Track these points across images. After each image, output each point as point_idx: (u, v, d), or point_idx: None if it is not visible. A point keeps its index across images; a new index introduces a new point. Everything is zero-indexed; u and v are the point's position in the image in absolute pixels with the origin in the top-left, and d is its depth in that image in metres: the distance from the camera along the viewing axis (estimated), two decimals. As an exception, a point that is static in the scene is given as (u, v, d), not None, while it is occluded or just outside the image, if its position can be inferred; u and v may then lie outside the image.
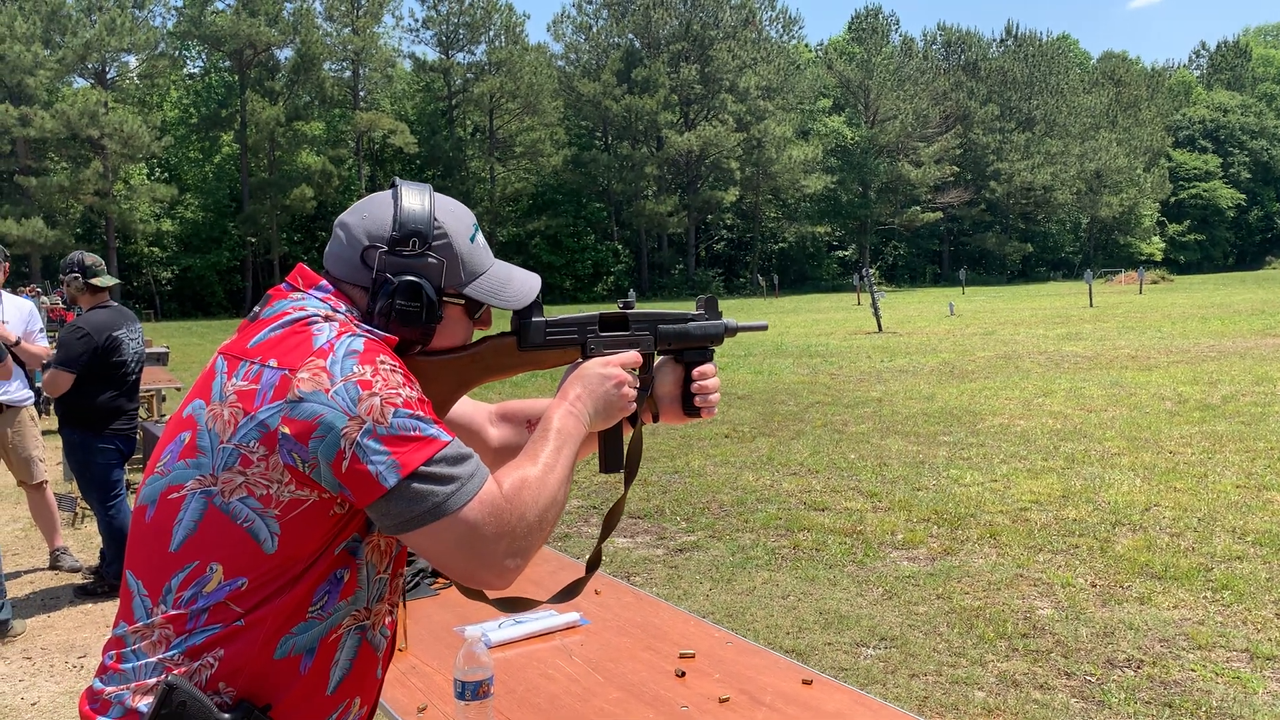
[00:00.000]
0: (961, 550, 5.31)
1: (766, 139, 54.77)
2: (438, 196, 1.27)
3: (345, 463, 1.08)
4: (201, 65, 51.34)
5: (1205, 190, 71.17)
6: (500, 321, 1.39)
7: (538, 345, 1.36)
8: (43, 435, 5.52)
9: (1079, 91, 69.10)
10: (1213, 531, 5.47)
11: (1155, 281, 46.39)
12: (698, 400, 1.47)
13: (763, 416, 10.00)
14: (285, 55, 48.75)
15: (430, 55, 54.67)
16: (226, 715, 1.11)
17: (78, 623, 4.72)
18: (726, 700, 1.80)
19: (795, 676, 1.89)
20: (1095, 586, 4.67)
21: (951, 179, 61.60)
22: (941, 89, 63.97)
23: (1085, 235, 68.98)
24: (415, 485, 1.09)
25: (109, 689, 1.14)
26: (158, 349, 10.75)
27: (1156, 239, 70.13)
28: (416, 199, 1.23)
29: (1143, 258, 64.82)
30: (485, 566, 1.13)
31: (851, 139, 61.09)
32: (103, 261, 5.14)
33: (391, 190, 1.25)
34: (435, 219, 1.24)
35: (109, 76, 44.93)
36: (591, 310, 1.43)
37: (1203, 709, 3.40)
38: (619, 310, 1.42)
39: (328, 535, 1.14)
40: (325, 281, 1.24)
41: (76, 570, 5.43)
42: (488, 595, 1.35)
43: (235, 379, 1.13)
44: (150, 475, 1.18)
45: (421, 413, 1.12)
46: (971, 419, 9.44)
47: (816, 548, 5.46)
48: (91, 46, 41.93)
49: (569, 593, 1.42)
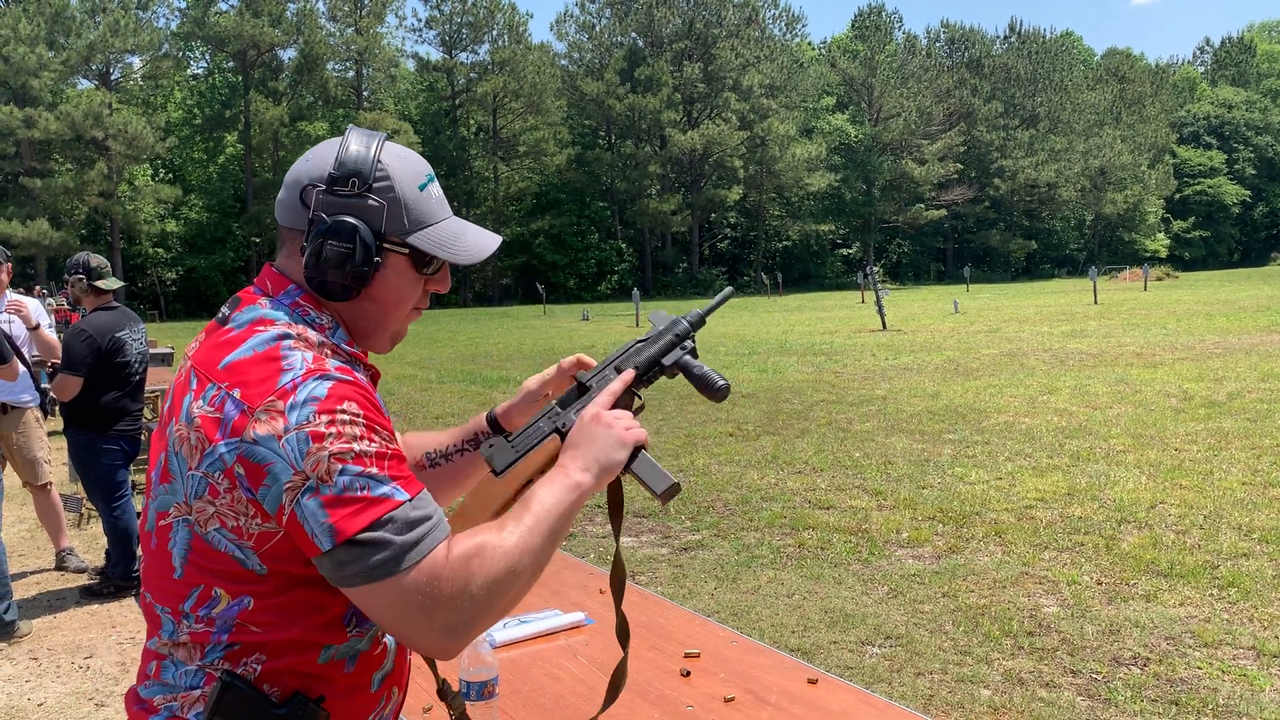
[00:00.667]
0: (967, 548, 5.31)
1: (770, 137, 54.77)
2: (391, 144, 1.21)
3: (285, 517, 1.05)
4: (205, 66, 51.53)
5: (1210, 186, 71.00)
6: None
7: (511, 462, 1.32)
8: (48, 436, 5.54)
9: (1083, 88, 68.96)
10: (1218, 529, 5.46)
11: (1160, 278, 46.31)
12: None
13: (767, 415, 9.99)
14: (289, 56, 48.92)
15: (433, 55, 55.00)
16: (283, 709, 1.11)
17: (84, 623, 4.73)
18: (732, 700, 1.79)
19: (800, 675, 1.89)
20: (1101, 584, 4.66)
21: (955, 176, 61.55)
22: (945, 86, 63.88)
23: (1090, 232, 68.87)
24: (351, 549, 1.04)
25: (157, 699, 1.15)
26: (162, 350, 10.75)
27: (1161, 236, 69.99)
28: (361, 143, 1.18)
29: (1147, 254, 64.74)
30: (419, 635, 1.08)
31: (855, 137, 61.05)
32: (108, 263, 5.15)
33: (342, 136, 1.21)
34: (379, 161, 1.18)
35: (113, 78, 45.05)
36: (545, 404, 1.42)
37: (1209, 707, 3.39)
38: (574, 385, 1.38)
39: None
40: (293, 284, 1.20)
41: (82, 571, 5.45)
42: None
43: (201, 402, 1.10)
44: (148, 495, 1.18)
45: (375, 470, 1.06)
46: (976, 417, 9.43)
47: (821, 546, 5.46)
48: (95, 48, 42.05)
49: (613, 691, 1.41)
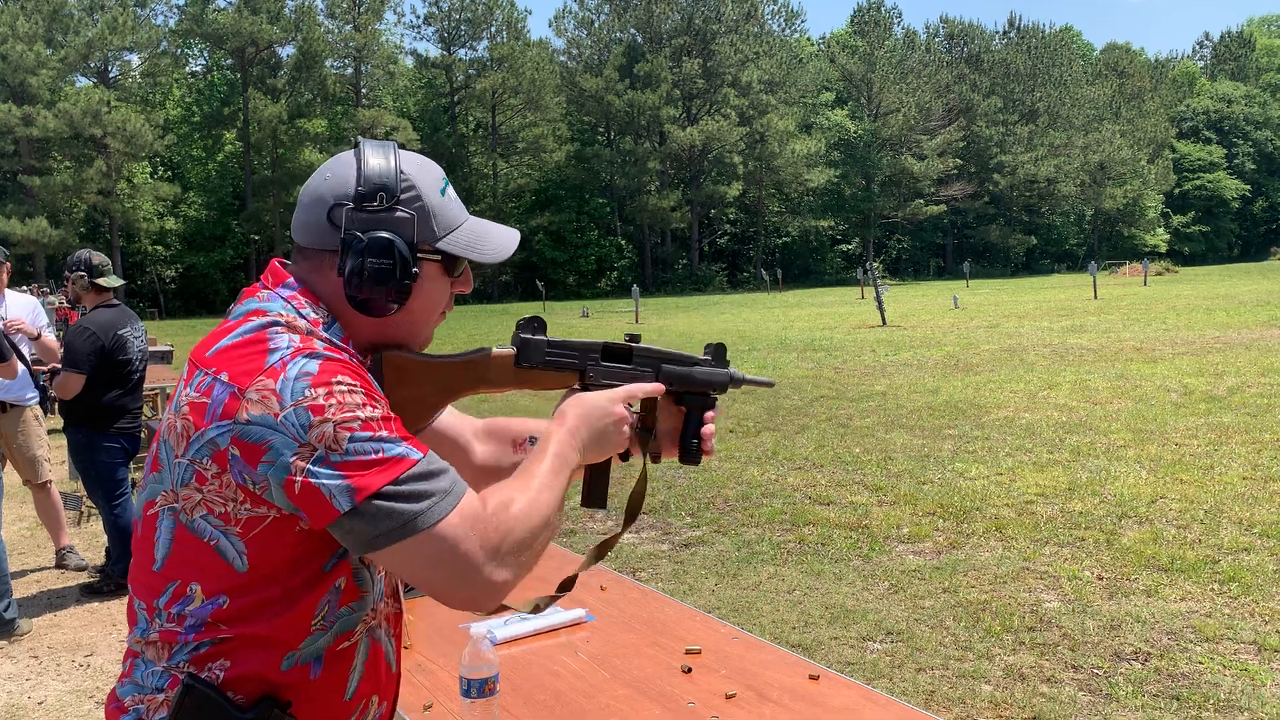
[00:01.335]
0: (967, 544, 5.31)
1: (769, 133, 54.70)
2: (403, 152, 1.21)
3: (297, 486, 1.03)
4: (204, 63, 51.41)
5: (1210, 181, 70.94)
6: (499, 334, 1.35)
7: (536, 364, 1.30)
8: (48, 434, 5.53)
9: (1082, 83, 68.82)
10: (1219, 523, 5.45)
11: (1160, 273, 46.29)
12: (703, 445, 1.38)
13: (767, 411, 9.99)
14: (287, 53, 48.79)
15: (432, 52, 54.72)
16: (248, 713, 1.10)
17: (84, 621, 4.73)
18: (733, 696, 1.79)
19: (802, 671, 1.88)
20: (1102, 579, 4.66)
21: (955, 172, 61.49)
22: (944, 82, 63.79)
23: (1089, 227, 68.79)
24: (379, 504, 1.04)
25: (128, 699, 1.15)
26: (162, 347, 10.74)
27: (1161, 231, 69.91)
28: (380, 155, 1.18)
29: (1147, 249, 64.64)
30: (467, 583, 1.07)
31: (854, 132, 60.95)
32: (109, 261, 5.15)
33: (354, 150, 1.20)
34: (401, 172, 1.18)
35: (111, 75, 44.97)
36: (595, 339, 1.36)
37: (1210, 701, 3.39)
38: (624, 342, 1.35)
39: (300, 550, 1.10)
40: (292, 278, 1.20)
41: (82, 569, 5.44)
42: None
43: (189, 389, 1.10)
44: (141, 488, 1.17)
45: (385, 432, 1.06)
46: (976, 412, 9.42)
47: (822, 542, 5.46)
48: (94, 45, 41.97)
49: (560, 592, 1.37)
